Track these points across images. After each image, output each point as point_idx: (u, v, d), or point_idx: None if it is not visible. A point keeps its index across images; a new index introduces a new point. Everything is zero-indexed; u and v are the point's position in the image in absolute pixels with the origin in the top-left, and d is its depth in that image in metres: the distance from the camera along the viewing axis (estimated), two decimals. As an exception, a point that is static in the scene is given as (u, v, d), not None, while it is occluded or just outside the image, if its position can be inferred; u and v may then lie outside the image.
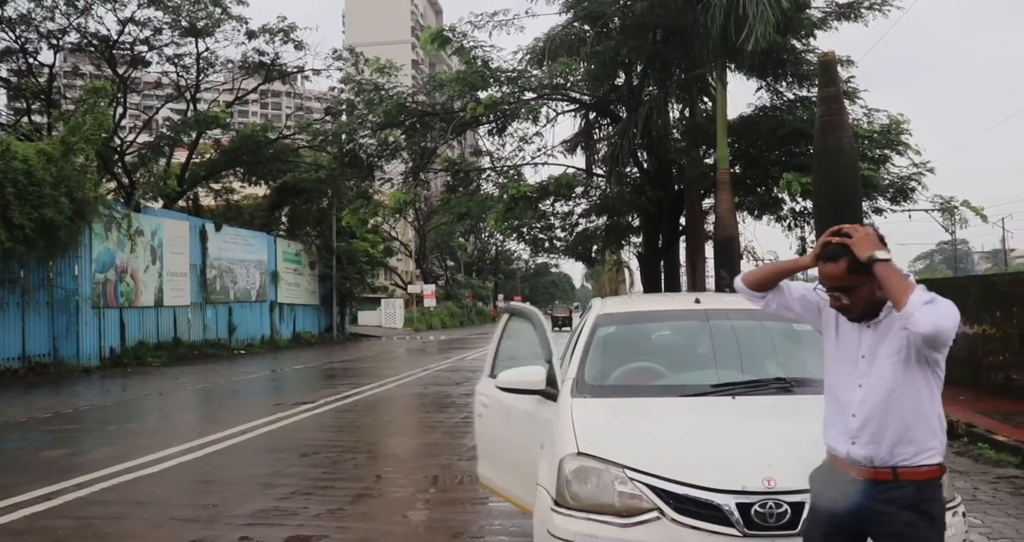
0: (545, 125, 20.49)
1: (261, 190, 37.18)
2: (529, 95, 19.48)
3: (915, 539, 2.69)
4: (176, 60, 30.22)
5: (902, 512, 2.67)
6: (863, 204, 14.58)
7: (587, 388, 4.36)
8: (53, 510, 6.46)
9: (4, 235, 17.48)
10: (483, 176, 21.90)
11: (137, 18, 27.56)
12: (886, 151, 17.30)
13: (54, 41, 27.28)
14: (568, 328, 39.74)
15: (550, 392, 4.46)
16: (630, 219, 22.19)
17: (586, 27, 19.29)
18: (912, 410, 2.70)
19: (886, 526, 2.71)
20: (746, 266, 22.94)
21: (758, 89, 19.24)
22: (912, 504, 2.67)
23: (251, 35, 30.24)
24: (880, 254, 2.64)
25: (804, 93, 18.47)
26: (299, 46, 31.15)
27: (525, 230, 22.51)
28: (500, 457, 5.05)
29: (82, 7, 26.54)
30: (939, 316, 2.54)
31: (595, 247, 24.01)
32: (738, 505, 3.21)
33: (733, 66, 16.84)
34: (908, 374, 2.70)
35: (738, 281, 3.22)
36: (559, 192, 19.57)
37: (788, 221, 20.78)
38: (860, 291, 2.72)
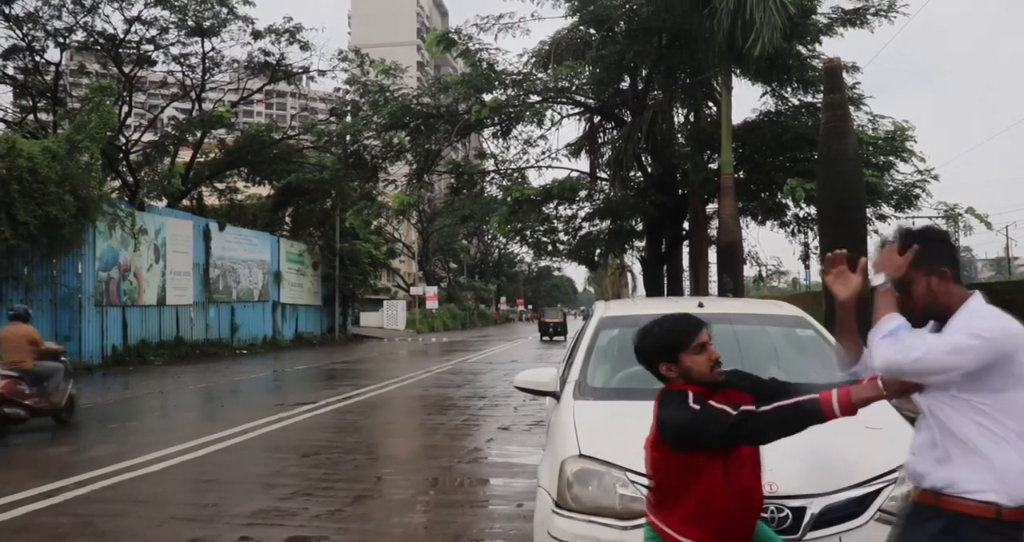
0: (550, 128, 20.57)
1: (265, 190, 37.22)
2: (534, 98, 19.53)
3: None
4: (182, 59, 30.29)
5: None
6: (867, 211, 14.58)
7: (589, 390, 4.36)
8: (53, 507, 6.46)
9: (8, 232, 17.53)
10: (487, 179, 21.93)
11: (144, 17, 27.67)
12: (890, 158, 17.31)
13: (61, 39, 27.36)
14: (562, 337, 37.18)
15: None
16: (633, 223, 22.22)
17: (591, 31, 19.33)
18: (946, 423, 2.36)
19: None
20: (749, 271, 22.88)
21: (763, 94, 19.31)
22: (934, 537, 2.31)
23: (257, 35, 30.30)
24: (874, 281, 2.49)
25: (809, 99, 18.49)
26: (305, 47, 31.27)
27: (528, 233, 22.57)
28: None
29: (89, 6, 26.62)
30: (892, 351, 2.32)
31: (598, 251, 24.06)
32: (740, 510, 3.19)
33: (738, 71, 16.87)
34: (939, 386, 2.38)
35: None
36: (563, 195, 19.62)
37: (792, 227, 20.82)
38: (909, 292, 2.49)
